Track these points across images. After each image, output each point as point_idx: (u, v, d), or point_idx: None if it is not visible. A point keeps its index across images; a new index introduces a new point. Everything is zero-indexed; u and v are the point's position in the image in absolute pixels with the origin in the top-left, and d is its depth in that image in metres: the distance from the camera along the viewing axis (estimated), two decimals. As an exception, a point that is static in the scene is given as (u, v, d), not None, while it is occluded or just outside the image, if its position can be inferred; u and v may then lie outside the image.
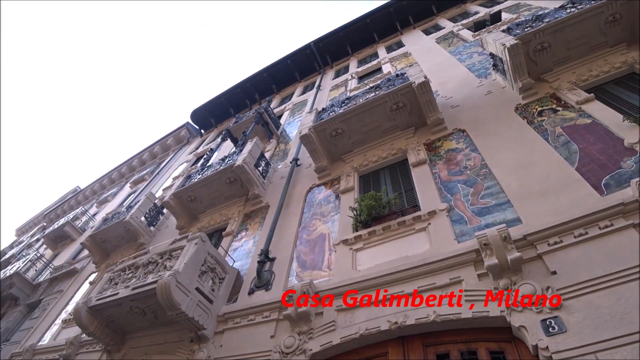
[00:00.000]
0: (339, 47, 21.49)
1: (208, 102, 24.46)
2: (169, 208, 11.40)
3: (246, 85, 23.34)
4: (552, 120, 7.08)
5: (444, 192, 6.71)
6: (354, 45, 21.39)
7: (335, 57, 21.67)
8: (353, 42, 21.35)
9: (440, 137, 8.30)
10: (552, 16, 8.49)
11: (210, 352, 6.25)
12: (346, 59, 21.41)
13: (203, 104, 24.59)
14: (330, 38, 21.43)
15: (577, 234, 4.67)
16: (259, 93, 23.29)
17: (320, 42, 21.47)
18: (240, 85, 23.51)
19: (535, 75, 8.34)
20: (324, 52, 21.64)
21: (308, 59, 21.87)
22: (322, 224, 7.75)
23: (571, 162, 5.88)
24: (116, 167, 30.13)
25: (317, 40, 21.47)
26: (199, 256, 7.10)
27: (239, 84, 23.57)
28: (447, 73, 11.51)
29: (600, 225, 4.61)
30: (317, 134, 9.32)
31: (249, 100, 23.56)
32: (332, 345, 5.16)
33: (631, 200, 4.59)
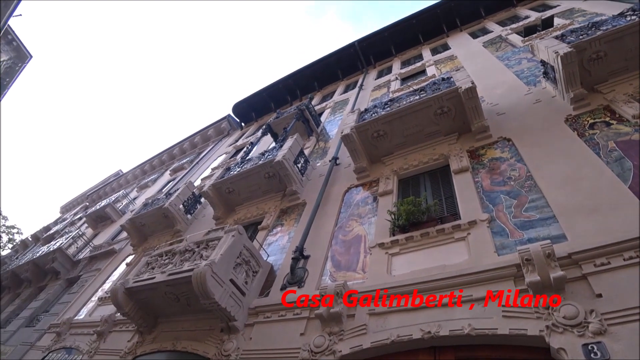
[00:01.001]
0: (383, 47, 21.31)
1: (250, 96, 24.88)
2: (207, 198, 11.69)
3: (288, 82, 23.56)
4: (604, 134, 6.73)
5: (485, 202, 6.53)
6: (398, 46, 21.15)
7: (379, 57, 21.51)
8: (397, 43, 21.12)
9: (485, 145, 8.08)
10: (610, 24, 8.08)
11: (240, 343, 6.38)
12: (390, 59, 21.19)
13: (245, 97, 25.05)
14: (375, 38, 21.28)
15: (627, 257, 4.40)
16: (300, 90, 23.46)
17: (364, 42, 21.37)
18: (283, 81, 23.77)
19: (589, 85, 7.96)
20: (368, 52, 21.52)
21: (351, 58, 21.83)
22: (359, 225, 7.72)
23: (624, 180, 5.56)
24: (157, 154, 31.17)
25: (361, 40, 21.40)
26: (234, 248, 7.25)
27: (281, 79, 23.84)
28: (494, 79, 11.19)
29: None
30: (359, 134, 9.28)
31: (290, 96, 23.78)
32: (362, 349, 5.13)
33: None
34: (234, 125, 26.82)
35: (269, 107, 24.34)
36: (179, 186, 15.35)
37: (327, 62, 22.45)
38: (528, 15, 17.31)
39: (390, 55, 21.31)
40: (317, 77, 22.93)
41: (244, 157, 12.90)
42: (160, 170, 29.90)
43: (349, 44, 21.74)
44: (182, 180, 20.48)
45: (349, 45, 21.75)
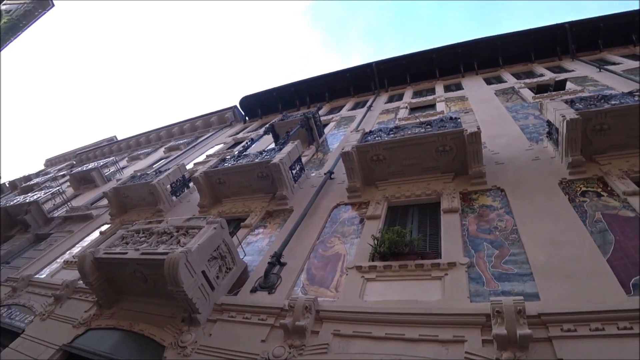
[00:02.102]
0: (399, 74, 21.61)
1: (259, 92, 24.99)
2: (197, 184, 11.62)
3: (300, 87, 23.74)
4: (594, 204, 6.90)
5: (468, 247, 6.60)
6: (414, 75, 21.45)
7: (393, 82, 21.79)
8: (413, 73, 21.43)
9: (478, 191, 8.19)
10: (618, 99, 8.30)
11: (198, 337, 6.29)
12: (403, 87, 21.47)
13: (254, 92, 25.16)
14: (393, 63, 21.59)
15: (594, 328, 4.50)
16: (310, 97, 23.62)
17: (382, 64, 21.67)
18: (295, 84, 23.93)
19: (588, 154, 8.13)
20: (383, 75, 21.80)
21: (366, 77, 22.09)
22: (341, 243, 7.73)
23: (604, 252, 5.70)
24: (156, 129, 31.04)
25: (379, 62, 21.70)
26: (213, 241, 7.20)
27: (294, 83, 24.02)
28: (500, 128, 11.37)
29: (620, 326, 4.43)
30: (359, 154, 9.34)
31: (299, 101, 23.91)
32: None
33: None
34: (238, 117, 26.84)
35: (276, 107, 24.41)
36: (171, 166, 15.25)
37: (342, 76, 22.66)
38: (543, 74, 17.69)
39: (404, 83, 21.58)
40: (329, 88, 23.12)
41: (241, 152, 12.88)
42: (155, 145, 29.72)
43: (367, 63, 22.01)
44: (175, 161, 20.37)
45: (366, 65, 22.02)
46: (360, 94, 22.51)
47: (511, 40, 20.10)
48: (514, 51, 20.08)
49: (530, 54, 19.90)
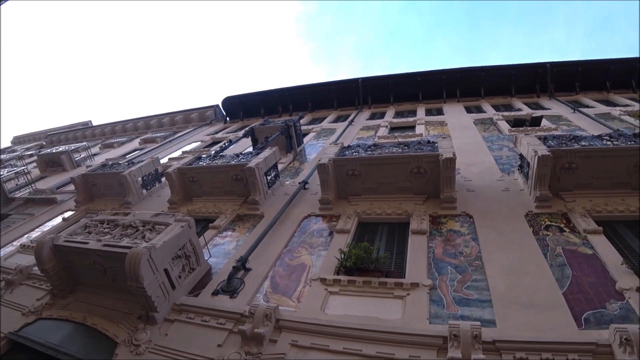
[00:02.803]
0: (383, 92, 22.01)
1: (243, 94, 24.94)
2: (169, 180, 11.42)
3: (284, 94, 23.81)
4: (556, 238, 7.18)
5: (432, 269, 6.71)
6: (397, 96, 21.89)
7: (376, 100, 22.16)
8: (397, 93, 21.88)
9: (447, 215, 8.37)
10: (588, 141, 8.67)
11: (153, 336, 6.11)
12: (385, 105, 21.84)
13: (238, 94, 25.08)
14: (378, 81, 21.98)
15: (544, 358, 4.62)
16: (294, 105, 23.71)
17: (367, 81, 22.03)
18: (279, 91, 24.00)
19: (555, 190, 8.47)
20: (368, 92, 22.15)
21: (351, 92, 22.39)
22: (308, 254, 7.72)
23: (561, 286, 5.93)
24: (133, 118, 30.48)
25: (365, 78, 22.05)
26: (179, 239, 7.06)
27: (278, 89, 24.08)
28: (474, 156, 11.68)
29: (569, 357, 4.58)
30: (335, 167, 9.40)
31: (282, 108, 23.95)
32: None
33: (605, 343, 4.61)
34: (219, 116, 26.65)
35: (259, 111, 24.37)
36: (145, 158, 14.94)
37: (327, 88, 22.89)
38: (521, 108, 18.35)
39: (388, 101, 21.97)
40: (313, 98, 23.28)
41: (218, 152, 12.77)
42: (131, 135, 29.09)
43: (353, 78, 22.34)
44: (150, 154, 19.98)
45: (352, 80, 22.33)
46: (343, 108, 22.73)
47: (494, 73, 20.84)
48: (495, 83, 20.80)
49: (511, 88, 20.63)
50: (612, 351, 4.57)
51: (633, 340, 4.43)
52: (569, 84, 20.17)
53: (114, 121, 31.49)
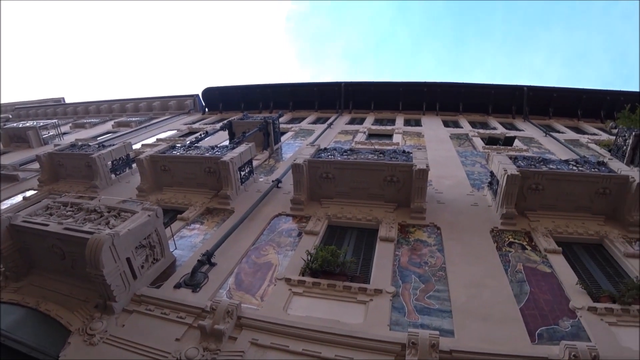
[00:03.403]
0: (365, 99, 22.21)
1: (224, 86, 24.68)
2: (140, 166, 11.14)
3: (266, 90, 23.68)
4: (517, 255, 7.45)
5: (397, 277, 6.81)
6: (378, 103, 22.13)
7: (357, 105, 22.33)
8: (378, 101, 22.12)
9: (416, 225, 8.51)
10: (556, 165, 9.00)
11: (109, 326, 5.90)
12: (366, 111, 22.04)
13: (219, 86, 24.83)
14: (361, 87, 22.18)
15: None
16: (274, 102, 23.61)
17: (350, 86, 22.20)
18: (262, 87, 23.86)
19: (520, 208, 8.75)
20: (350, 96, 22.31)
21: (333, 95, 22.49)
22: (275, 253, 7.68)
23: (518, 301, 6.17)
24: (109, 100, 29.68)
25: (348, 83, 22.20)
26: (145, 228, 6.89)
27: (260, 85, 23.94)
28: (447, 170, 11.93)
29: None
30: (310, 168, 9.40)
31: (263, 104, 23.82)
32: None
33: (555, 359, 4.85)
34: (197, 107, 26.26)
35: (238, 105, 24.14)
36: (117, 142, 14.53)
37: (310, 89, 22.90)
38: (496, 127, 18.89)
39: (368, 108, 22.17)
40: (295, 98, 23.26)
41: (193, 142, 12.54)
42: (105, 117, 28.28)
43: (336, 82, 22.43)
44: (123, 138, 19.45)
45: (335, 83, 22.43)
46: (323, 110, 22.78)
47: (474, 91, 21.40)
48: (474, 101, 21.36)
49: (488, 107, 21.21)
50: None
51: (581, 357, 4.68)
52: (543, 108, 20.94)
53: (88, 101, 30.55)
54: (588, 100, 20.62)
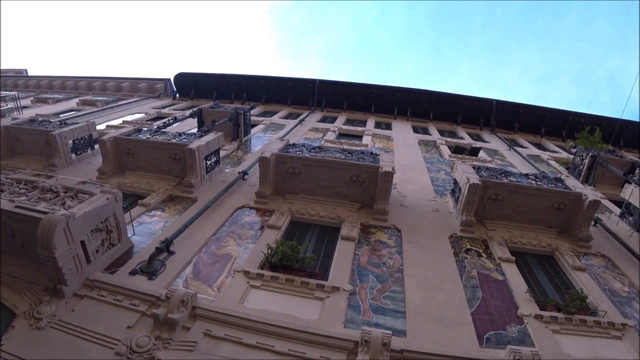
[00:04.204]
0: (338, 98, 22.33)
1: (197, 73, 24.19)
2: (102, 148, 10.76)
3: (240, 81, 23.40)
4: (473, 262, 7.74)
5: (355, 276, 6.91)
6: (351, 104, 22.30)
7: (330, 104, 22.41)
8: (351, 101, 22.29)
9: (378, 226, 8.66)
10: (516, 178, 9.38)
11: (58, 311, 5.66)
12: (338, 111, 22.15)
13: (192, 72, 24.31)
14: (335, 86, 22.29)
15: None
16: (247, 94, 23.37)
17: (325, 84, 22.25)
18: (235, 77, 23.54)
19: (480, 217, 9.08)
20: (323, 94, 22.36)
21: (307, 92, 22.47)
22: (235, 245, 7.61)
23: (470, 305, 6.44)
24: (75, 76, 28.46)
25: (323, 81, 22.25)
26: (103, 212, 6.67)
27: (234, 75, 23.63)
28: (413, 174, 12.19)
29: None
30: (277, 163, 9.38)
31: (235, 95, 23.52)
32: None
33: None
34: (168, 91, 25.60)
35: (211, 93, 23.73)
36: (80, 121, 13.99)
37: (284, 83, 22.80)
38: (463, 137, 19.44)
39: (341, 108, 22.30)
40: (268, 91, 23.10)
41: (160, 127, 12.23)
42: (70, 93, 27.09)
43: (311, 79, 22.46)
44: (87, 117, 18.71)
45: (309, 80, 22.43)
46: (296, 106, 22.73)
47: (445, 100, 21.93)
48: (445, 110, 21.91)
49: (457, 117, 21.81)
50: (507, 370, 5.04)
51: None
52: (509, 122, 21.74)
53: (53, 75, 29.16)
54: (552, 119, 21.57)
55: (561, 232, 9.07)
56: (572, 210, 8.92)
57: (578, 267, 7.77)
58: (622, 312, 6.70)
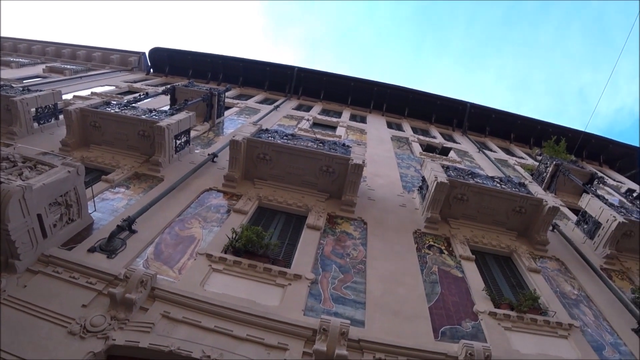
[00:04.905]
0: (315, 87, 22.22)
1: (174, 49, 23.51)
2: (67, 119, 10.31)
3: (217, 61, 22.90)
4: (434, 258, 7.97)
5: (318, 265, 6.98)
6: (328, 94, 22.24)
7: (307, 92, 22.28)
8: (329, 91, 22.23)
9: (344, 217, 8.75)
10: (482, 179, 9.66)
11: (9, 286, 5.38)
12: (314, 100, 22.06)
13: (168, 48, 23.55)
14: (314, 75, 22.16)
15: None
16: (224, 75, 22.89)
17: (303, 72, 22.08)
18: (213, 57, 23.01)
19: (444, 215, 9.32)
20: (301, 82, 22.20)
21: (284, 78, 22.25)
22: (200, 227, 7.50)
23: (429, 300, 6.65)
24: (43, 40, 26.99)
25: (301, 69, 22.08)
26: (63, 185, 6.42)
27: (212, 54, 23.11)
28: (383, 169, 12.34)
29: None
30: (248, 147, 9.26)
31: (212, 75, 23.01)
32: (137, 347, 4.80)
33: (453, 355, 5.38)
34: (142, 66, 24.74)
35: (186, 72, 23.11)
36: (45, 88, 13.35)
37: (262, 68, 22.48)
38: (435, 136, 19.81)
39: (317, 97, 22.21)
40: (246, 74, 22.71)
41: (130, 102, 11.85)
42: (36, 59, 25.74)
43: (290, 65, 22.26)
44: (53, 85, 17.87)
45: (288, 67, 22.21)
46: (273, 91, 22.47)
47: (421, 98, 22.21)
48: (420, 108, 22.21)
49: (431, 116, 22.16)
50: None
51: (476, 355, 5.19)
52: (481, 126, 22.28)
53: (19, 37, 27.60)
54: (522, 125, 22.24)
55: (520, 235, 9.45)
56: (532, 215, 9.29)
57: (533, 269, 8.15)
58: (570, 313, 7.11)
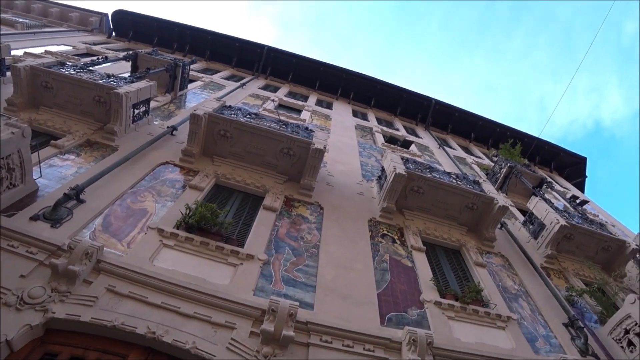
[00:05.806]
0: (284, 68, 21.88)
1: (139, 14, 22.30)
2: (15, 77, 9.60)
3: (185, 31, 21.99)
4: (386, 247, 8.21)
5: (271, 246, 7.01)
6: (297, 76, 21.98)
7: (275, 73, 21.91)
8: (297, 74, 21.96)
9: (302, 201, 8.79)
10: (439, 174, 10.00)
11: None
12: (282, 81, 21.75)
13: (133, 12, 22.30)
14: (283, 55, 21.80)
15: (346, 344, 5.41)
16: (191, 47, 22.03)
17: (273, 52, 21.66)
18: (181, 26, 22.06)
19: (400, 206, 9.57)
20: (270, 62, 21.78)
21: (253, 56, 21.74)
22: (153, 201, 7.24)
23: (378, 287, 6.86)
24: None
25: (271, 48, 21.63)
26: (6, 147, 5.96)
27: (180, 24, 22.15)
28: (344, 156, 12.45)
29: (366, 347, 5.46)
30: (209, 123, 9.01)
31: (178, 45, 22.09)
32: (79, 321, 4.63)
33: (397, 340, 5.64)
34: (104, 28, 23.33)
35: (151, 39, 22.05)
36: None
37: (231, 43, 21.82)
38: (398, 129, 20.14)
39: (285, 78, 21.91)
40: (213, 48, 21.95)
41: (87, 64, 11.18)
42: (-19, 10, 23.78)
43: (260, 43, 21.72)
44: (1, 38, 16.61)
45: (258, 45, 21.70)
46: (240, 68, 21.89)
47: (388, 90, 22.41)
48: (386, 99, 22.41)
49: (397, 108, 22.43)
50: (401, 348, 5.59)
51: (419, 341, 5.46)
52: (444, 123, 22.84)
53: (-36, -16, 25.38)
54: (482, 126, 22.98)
55: (470, 230, 9.90)
56: (483, 212, 9.73)
57: (479, 263, 8.59)
58: (510, 306, 7.60)
